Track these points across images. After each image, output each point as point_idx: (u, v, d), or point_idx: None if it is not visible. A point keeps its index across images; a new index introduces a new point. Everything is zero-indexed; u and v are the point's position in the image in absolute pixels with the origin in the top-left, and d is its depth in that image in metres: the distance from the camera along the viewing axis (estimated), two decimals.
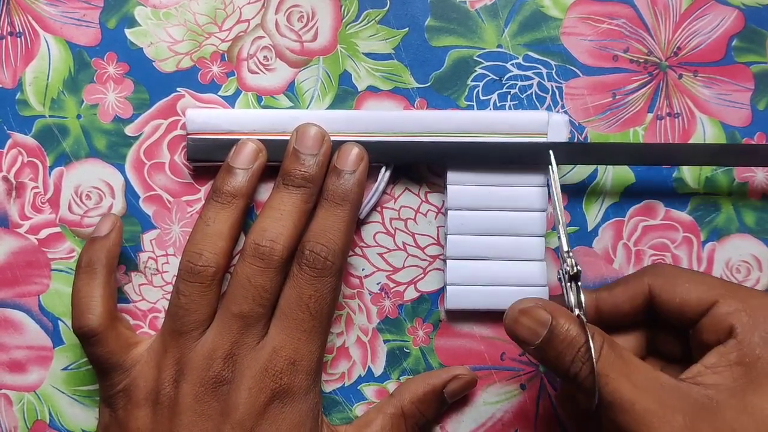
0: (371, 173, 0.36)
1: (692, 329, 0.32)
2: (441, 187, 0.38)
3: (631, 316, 0.34)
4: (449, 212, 0.36)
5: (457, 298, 0.36)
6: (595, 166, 0.38)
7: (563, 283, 0.32)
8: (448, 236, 0.36)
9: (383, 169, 0.37)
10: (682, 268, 0.34)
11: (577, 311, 0.31)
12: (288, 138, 0.35)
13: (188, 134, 0.36)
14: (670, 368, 0.34)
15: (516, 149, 0.36)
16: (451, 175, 0.36)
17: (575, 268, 0.32)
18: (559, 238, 0.33)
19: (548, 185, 0.36)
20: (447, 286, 0.36)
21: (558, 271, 0.33)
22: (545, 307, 0.30)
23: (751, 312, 0.30)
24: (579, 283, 0.32)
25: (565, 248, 0.33)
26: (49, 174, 0.37)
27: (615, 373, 0.29)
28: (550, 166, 0.35)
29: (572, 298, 0.32)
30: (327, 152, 0.35)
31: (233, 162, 0.35)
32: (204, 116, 0.36)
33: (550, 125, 0.36)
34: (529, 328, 0.30)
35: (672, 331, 0.33)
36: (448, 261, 0.36)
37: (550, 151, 0.35)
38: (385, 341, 0.38)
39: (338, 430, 0.35)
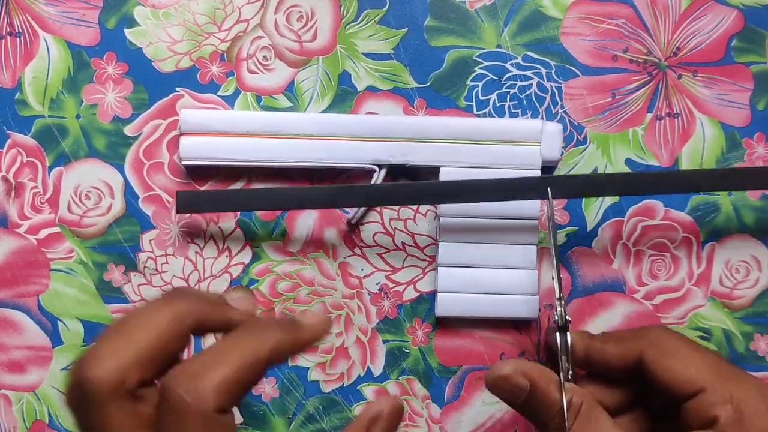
0: (365, 176, 0.37)
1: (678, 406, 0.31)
2: None
3: (620, 373, 0.33)
4: (441, 219, 0.36)
5: (448, 305, 0.36)
6: (595, 165, 0.38)
7: (555, 331, 0.32)
8: (440, 243, 0.36)
9: (376, 172, 0.37)
10: (681, 341, 0.32)
11: (563, 360, 0.31)
12: (283, 140, 0.36)
13: (182, 134, 0.36)
14: (660, 424, 0.33)
15: (512, 185, 0.35)
16: (444, 179, 0.36)
17: (564, 318, 0.32)
18: (553, 279, 0.32)
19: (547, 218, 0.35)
20: (438, 293, 0.36)
21: (549, 319, 0.33)
22: (524, 373, 0.30)
23: (737, 405, 0.29)
24: (567, 335, 0.32)
25: (558, 294, 0.32)
26: (49, 174, 0.37)
27: None
28: (546, 202, 0.34)
29: (560, 347, 0.32)
30: None
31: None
32: (198, 116, 0.36)
33: (544, 134, 0.36)
34: (508, 392, 0.31)
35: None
36: (439, 268, 0.36)
37: (548, 189, 0.34)
38: (385, 341, 0.38)
39: None
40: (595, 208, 0.38)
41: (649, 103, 0.38)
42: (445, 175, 0.36)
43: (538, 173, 0.36)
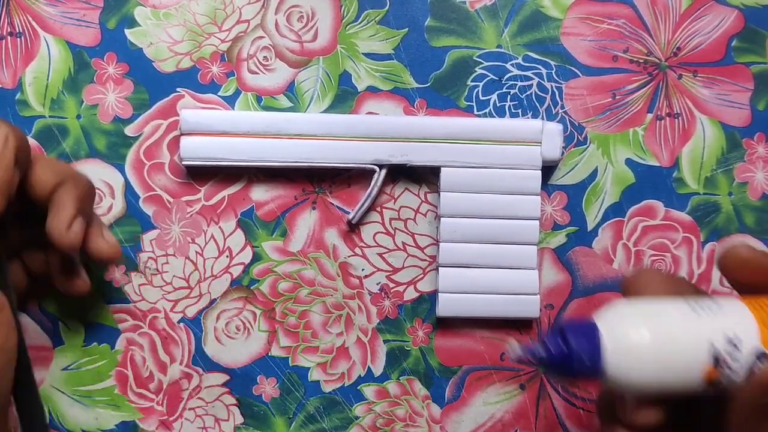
0: (366, 176, 0.36)
1: None
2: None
3: None
4: (442, 219, 0.36)
5: (449, 305, 0.36)
6: (595, 165, 0.38)
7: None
8: (441, 243, 0.36)
9: (377, 172, 0.37)
10: None
11: None
12: (284, 140, 0.36)
13: (182, 134, 0.36)
14: None
15: None
16: (444, 179, 0.36)
17: None
18: None
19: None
20: (439, 294, 0.36)
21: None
22: None
23: None
24: None
25: None
26: None
27: None
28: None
29: None
30: None
31: None
32: (199, 117, 0.36)
33: (544, 133, 0.36)
34: None
35: None
36: (440, 268, 0.36)
37: None
38: (385, 341, 0.38)
39: None
40: (595, 208, 0.38)
41: (650, 103, 0.38)
42: (446, 174, 0.36)
43: (538, 173, 0.36)
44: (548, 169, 0.38)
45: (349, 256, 0.38)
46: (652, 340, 0.24)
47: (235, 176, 0.37)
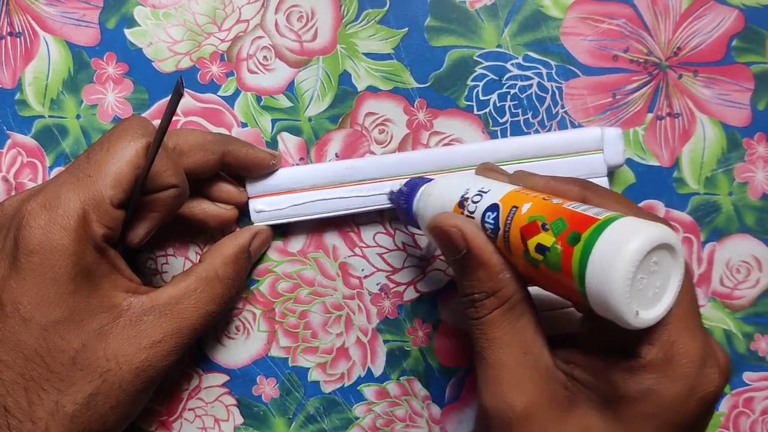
0: None
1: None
2: None
3: None
4: None
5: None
6: None
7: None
8: None
9: None
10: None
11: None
12: (351, 187, 0.36)
13: (249, 198, 0.36)
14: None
15: None
16: None
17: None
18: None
19: None
20: None
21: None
22: (465, 237, 0.28)
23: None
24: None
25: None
26: (49, 174, 0.37)
27: (496, 329, 0.28)
28: None
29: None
30: None
31: None
32: (264, 181, 0.36)
33: (605, 140, 0.36)
34: (443, 245, 0.29)
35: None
36: None
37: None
38: (385, 342, 0.38)
39: (139, 290, 0.32)
40: None
41: (650, 103, 0.38)
42: None
43: (605, 180, 0.36)
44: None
45: (349, 257, 0.38)
46: (438, 186, 0.31)
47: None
